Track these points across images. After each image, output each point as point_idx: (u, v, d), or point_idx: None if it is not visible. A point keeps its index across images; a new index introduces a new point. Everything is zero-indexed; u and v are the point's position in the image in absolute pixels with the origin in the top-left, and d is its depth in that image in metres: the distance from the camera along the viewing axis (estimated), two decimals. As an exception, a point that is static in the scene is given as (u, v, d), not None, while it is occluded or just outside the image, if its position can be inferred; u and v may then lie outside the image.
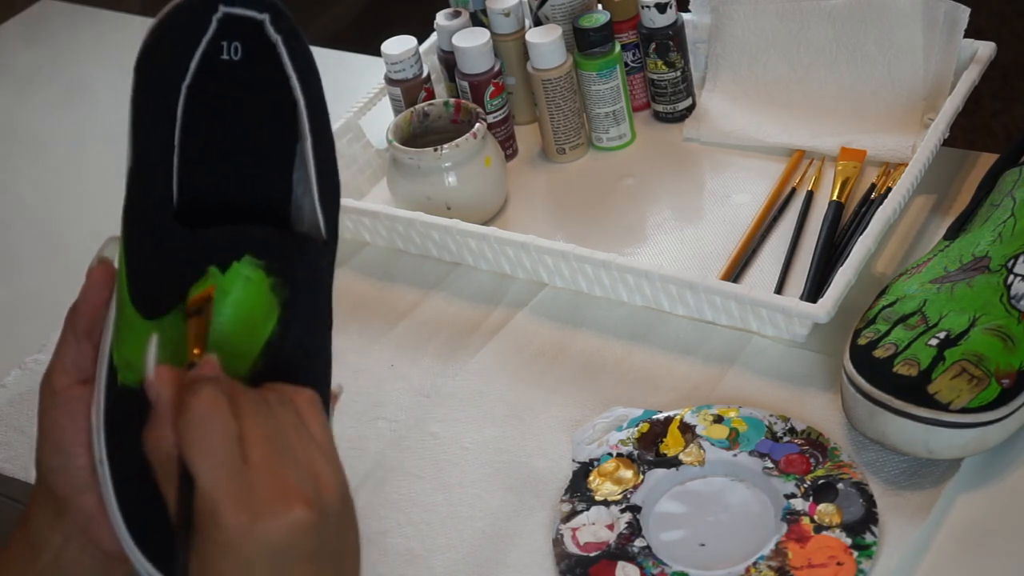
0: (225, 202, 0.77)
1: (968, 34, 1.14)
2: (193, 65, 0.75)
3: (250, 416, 0.66)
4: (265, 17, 0.74)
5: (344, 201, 1.00)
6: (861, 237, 1.01)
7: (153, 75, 0.76)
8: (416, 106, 1.19)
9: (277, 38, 0.75)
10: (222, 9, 0.74)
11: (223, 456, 0.65)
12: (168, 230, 0.73)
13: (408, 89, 1.22)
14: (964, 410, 0.86)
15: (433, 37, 1.29)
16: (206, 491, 0.64)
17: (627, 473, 0.92)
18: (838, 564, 0.83)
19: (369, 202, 1.19)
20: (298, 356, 0.73)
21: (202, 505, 0.65)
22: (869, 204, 1.10)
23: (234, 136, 0.78)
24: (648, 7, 1.20)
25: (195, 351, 0.70)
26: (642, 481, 0.91)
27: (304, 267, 0.74)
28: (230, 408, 0.66)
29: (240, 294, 0.71)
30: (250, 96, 0.77)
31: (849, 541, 0.85)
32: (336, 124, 1.18)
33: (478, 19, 1.26)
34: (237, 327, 0.71)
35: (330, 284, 0.76)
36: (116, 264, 0.75)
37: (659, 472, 0.92)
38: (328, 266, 0.76)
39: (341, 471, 0.69)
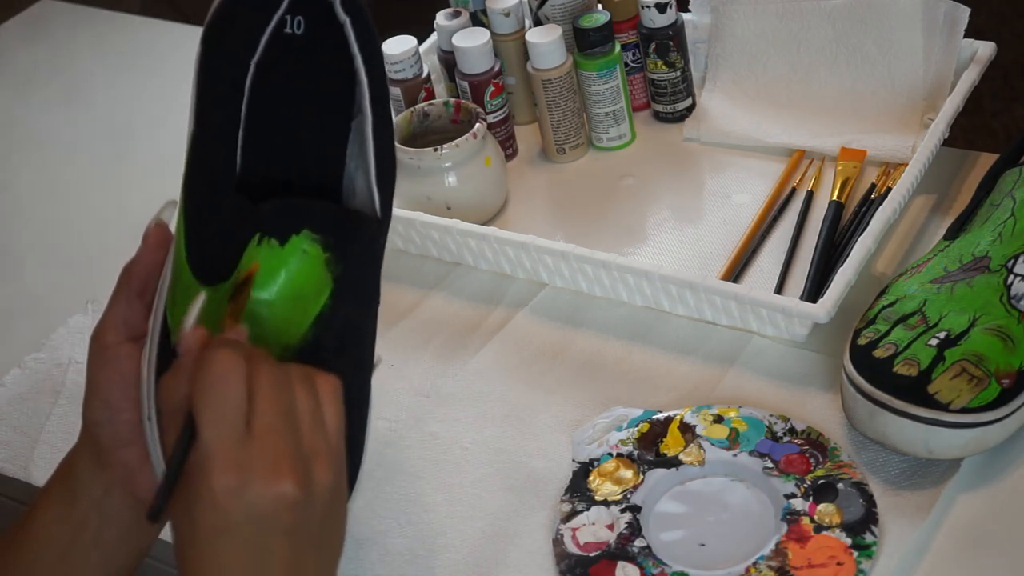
0: (281, 174, 0.79)
1: (968, 34, 1.14)
2: (263, 42, 0.78)
3: (267, 388, 0.68)
4: None
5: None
6: (861, 237, 1.01)
7: (223, 49, 0.78)
8: (416, 106, 1.19)
9: (345, 19, 0.77)
10: None
11: (229, 417, 0.67)
12: (230, 201, 0.75)
13: (408, 89, 1.22)
14: (964, 410, 0.86)
15: (433, 37, 1.29)
16: (204, 446, 0.66)
17: (627, 473, 0.92)
18: (838, 564, 0.83)
19: (369, 202, 1.19)
20: (346, 331, 0.75)
21: (197, 459, 0.67)
22: (869, 204, 1.10)
23: (294, 111, 0.80)
24: (648, 7, 1.20)
25: (228, 322, 0.72)
26: (642, 481, 0.91)
27: (358, 244, 0.76)
28: (249, 376, 0.68)
29: (296, 267, 0.74)
30: (312, 73, 0.79)
31: (849, 541, 0.85)
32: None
33: (478, 19, 1.26)
34: (290, 299, 0.74)
35: (380, 262, 0.78)
36: (173, 228, 0.78)
37: (659, 472, 0.92)
38: (380, 244, 0.78)
39: (341, 467, 0.71)
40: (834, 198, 1.11)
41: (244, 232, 0.74)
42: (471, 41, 1.20)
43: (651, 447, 0.93)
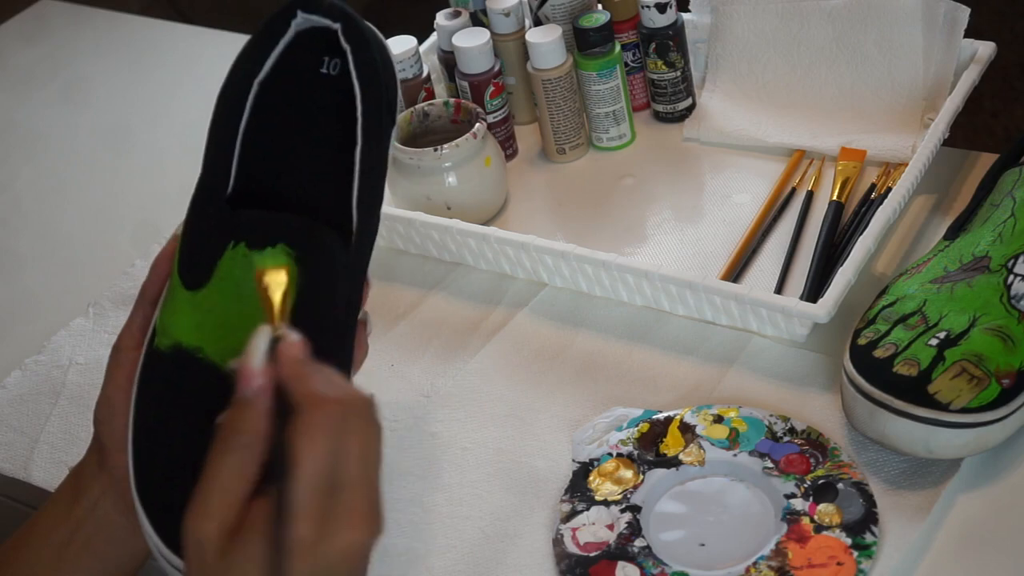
0: (274, 190, 0.81)
1: (968, 34, 1.14)
2: (269, 63, 0.81)
3: (352, 433, 0.66)
4: (338, 26, 0.79)
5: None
6: (861, 237, 1.01)
7: (236, 73, 0.81)
8: (416, 106, 1.19)
9: (347, 47, 0.79)
10: (300, 15, 0.80)
11: (322, 471, 0.65)
12: (217, 211, 0.78)
13: (408, 89, 1.22)
14: (964, 410, 0.86)
15: (433, 37, 1.29)
16: (292, 497, 0.64)
17: (627, 473, 0.92)
18: (838, 564, 0.83)
19: (369, 202, 1.19)
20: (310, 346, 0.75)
21: (279, 504, 0.64)
22: (869, 204, 1.10)
23: (291, 130, 0.82)
24: (648, 7, 1.20)
25: (276, 324, 0.71)
26: (642, 481, 0.91)
27: (329, 261, 0.76)
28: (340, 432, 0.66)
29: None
30: (318, 98, 0.81)
31: (849, 541, 0.85)
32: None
33: (478, 19, 1.26)
34: (259, 309, 0.73)
35: (355, 282, 0.79)
36: None
37: (659, 472, 0.92)
38: (356, 263, 0.79)
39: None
40: (834, 198, 1.11)
41: (222, 240, 0.76)
42: (471, 41, 1.20)
43: (651, 447, 0.93)
